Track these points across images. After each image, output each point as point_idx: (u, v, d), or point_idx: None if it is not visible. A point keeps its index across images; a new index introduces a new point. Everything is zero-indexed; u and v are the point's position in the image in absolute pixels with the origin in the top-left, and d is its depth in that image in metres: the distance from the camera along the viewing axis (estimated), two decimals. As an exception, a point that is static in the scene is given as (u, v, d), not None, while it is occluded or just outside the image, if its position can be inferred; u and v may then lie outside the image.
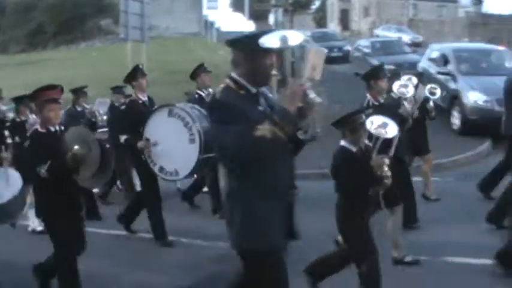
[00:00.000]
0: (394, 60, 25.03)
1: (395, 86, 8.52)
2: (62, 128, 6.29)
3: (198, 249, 8.44)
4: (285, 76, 11.04)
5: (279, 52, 4.10)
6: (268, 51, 4.04)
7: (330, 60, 32.35)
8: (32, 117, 9.64)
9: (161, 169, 8.21)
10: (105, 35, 49.54)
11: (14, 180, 6.28)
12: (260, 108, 4.16)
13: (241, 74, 4.17)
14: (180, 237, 8.79)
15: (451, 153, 13.92)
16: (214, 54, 32.47)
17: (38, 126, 6.20)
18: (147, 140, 8.21)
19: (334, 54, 33.41)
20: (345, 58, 32.01)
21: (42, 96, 6.02)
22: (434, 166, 12.13)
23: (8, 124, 9.74)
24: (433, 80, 18.32)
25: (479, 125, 15.19)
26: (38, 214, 6.47)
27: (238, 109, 3.97)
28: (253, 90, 4.19)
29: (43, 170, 5.84)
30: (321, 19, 74.87)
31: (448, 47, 19.95)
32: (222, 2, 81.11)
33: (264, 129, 3.83)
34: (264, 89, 4.28)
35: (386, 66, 25.42)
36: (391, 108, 7.74)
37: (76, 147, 5.90)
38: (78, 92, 11.76)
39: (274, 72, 4.03)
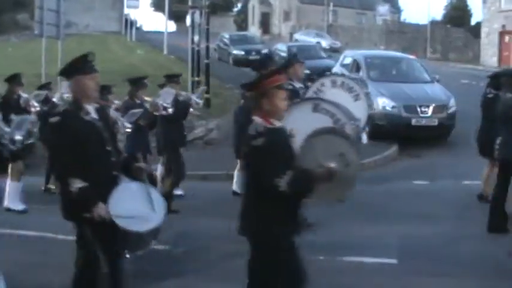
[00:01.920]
0: (311, 65, 25.47)
1: None
2: None
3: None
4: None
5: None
6: None
7: (247, 63, 32.77)
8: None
9: None
10: (22, 30, 48.48)
11: (158, 203, 5.34)
12: None
13: None
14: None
15: (360, 157, 14.26)
16: (132, 54, 32.32)
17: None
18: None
19: (252, 57, 33.80)
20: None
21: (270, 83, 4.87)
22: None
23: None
24: (345, 86, 18.82)
25: (387, 130, 15.68)
26: None
27: None
28: None
29: (283, 183, 4.54)
30: (242, 22, 75.17)
31: (360, 53, 20.49)
32: (143, 1, 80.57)
33: None
34: None
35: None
36: None
37: (333, 164, 4.71)
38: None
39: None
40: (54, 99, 11.66)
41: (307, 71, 24.65)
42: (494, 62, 46.40)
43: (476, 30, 54.84)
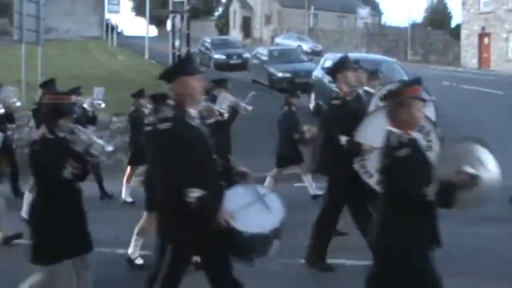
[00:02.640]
0: (291, 68, 25.61)
1: None
2: None
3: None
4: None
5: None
6: None
7: (228, 67, 32.77)
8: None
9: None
10: (0, 36, 48.17)
11: (272, 201, 5.12)
12: None
13: None
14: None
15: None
16: (114, 59, 32.23)
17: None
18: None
19: (233, 61, 33.87)
20: (243, 65, 32.41)
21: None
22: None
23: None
24: (327, 89, 18.88)
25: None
26: None
27: None
28: None
29: (430, 192, 4.49)
30: (223, 26, 75.21)
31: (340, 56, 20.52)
32: (124, 6, 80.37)
33: None
34: None
35: (282, 75, 26.05)
36: None
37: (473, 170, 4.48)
38: None
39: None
40: (85, 105, 11.66)
41: (288, 75, 25.09)
42: (474, 64, 46.79)
43: (456, 32, 55.23)
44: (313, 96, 20.44)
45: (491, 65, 44.86)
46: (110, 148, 6.23)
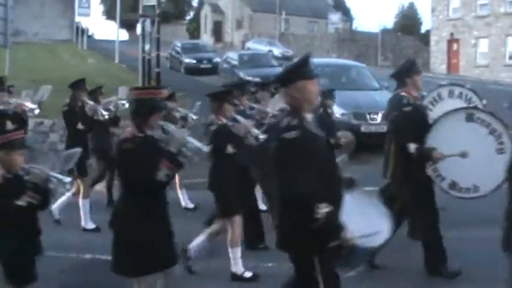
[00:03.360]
0: (261, 73, 25.62)
1: None
2: None
3: (50, 260, 8.32)
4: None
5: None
6: None
7: (199, 72, 32.73)
8: None
9: (453, 185, 7.19)
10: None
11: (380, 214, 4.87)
12: None
13: None
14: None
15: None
16: (84, 62, 32.03)
17: None
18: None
19: (204, 65, 33.85)
20: (213, 70, 32.38)
21: None
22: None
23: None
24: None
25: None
26: None
27: None
28: None
29: None
30: (194, 30, 75.05)
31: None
32: (95, 9, 79.86)
33: None
34: None
35: (251, 79, 26.10)
36: None
37: None
38: None
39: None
40: (110, 107, 11.03)
41: (258, 79, 25.10)
42: (443, 70, 47.25)
43: (426, 38, 55.76)
44: (283, 100, 20.44)
45: (460, 71, 45.34)
46: (205, 149, 5.86)
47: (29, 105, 9.73)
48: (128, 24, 57.77)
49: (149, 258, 5.11)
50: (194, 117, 11.43)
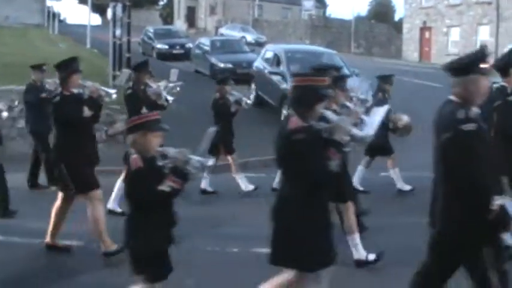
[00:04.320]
0: (233, 59, 25.59)
1: None
2: None
3: (14, 246, 8.28)
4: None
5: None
6: None
7: (171, 57, 32.58)
8: None
9: None
10: None
11: None
12: None
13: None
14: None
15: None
16: (54, 47, 31.69)
17: None
18: None
19: (176, 51, 33.76)
20: (186, 55, 32.30)
21: None
22: (264, 162, 12.64)
23: None
24: (267, 80, 18.96)
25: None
26: None
27: None
28: None
29: None
30: (168, 16, 74.67)
31: (280, 47, 20.63)
32: (67, -7, 79.09)
33: None
34: None
35: (223, 65, 25.96)
36: None
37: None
38: None
39: None
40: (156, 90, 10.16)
41: (230, 65, 25.05)
42: (415, 57, 47.53)
43: (399, 26, 56.04)
44: (253, 87, 20.47)
45: (432, 59, 45.61)
46: (370, 135, 5.61)
47: (106, 89, 9.31)
48: (100, 9, 57.30)
49: (321, 252, 5.01)
50: (248, 101, 11.27)
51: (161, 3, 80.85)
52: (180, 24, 66.98)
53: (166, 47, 34.31)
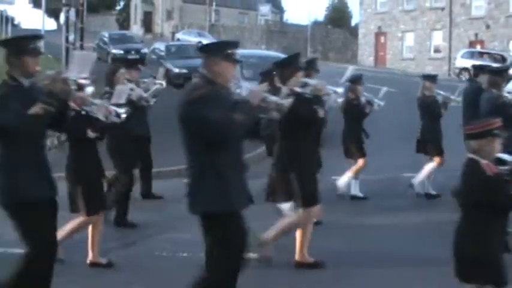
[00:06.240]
0: (188, 64, 25.47)
1: None
2: None
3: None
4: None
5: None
6: None
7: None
8: None
9: None
10: None
11: None
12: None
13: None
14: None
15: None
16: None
17: None
18: None
19: (131, 56, 33.49)
20: (141, 61, 32.08)
21: None
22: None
23: None
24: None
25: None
26: None
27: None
28: None
29: None
30: (124, 21, 74.09)
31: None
32: (21, -3, 78.09)
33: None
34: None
35: (178, 70, 25.75)
36: None
37: None
38: None
39: None
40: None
41: (185, 70, 24.93)
42: (371, 62, 48.00)
43: (355, 31, 56.50)
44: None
45: (387, 63, 46.13)
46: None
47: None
48: (55, 14, 56.57)
49: None
50: (381, 103, 11.04)
51: (118, 8, 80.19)
52: (136, 29, 66.61)
53: (122, 52, 34.10)
